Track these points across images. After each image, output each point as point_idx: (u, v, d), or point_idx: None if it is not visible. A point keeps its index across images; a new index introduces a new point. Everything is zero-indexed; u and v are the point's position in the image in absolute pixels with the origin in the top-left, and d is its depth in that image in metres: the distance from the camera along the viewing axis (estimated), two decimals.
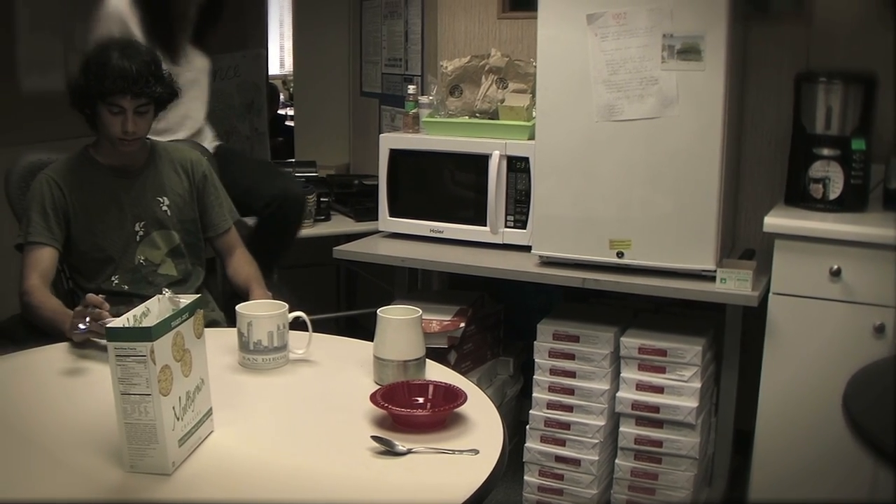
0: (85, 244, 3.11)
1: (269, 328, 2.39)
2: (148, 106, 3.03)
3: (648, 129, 3.30)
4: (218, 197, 3.31)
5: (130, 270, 3.13)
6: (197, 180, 3.24)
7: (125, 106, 2.96)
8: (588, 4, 3.31)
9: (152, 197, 3.16)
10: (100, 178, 3.13)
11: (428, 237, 3.88)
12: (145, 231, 3.15)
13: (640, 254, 3.38)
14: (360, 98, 5.39)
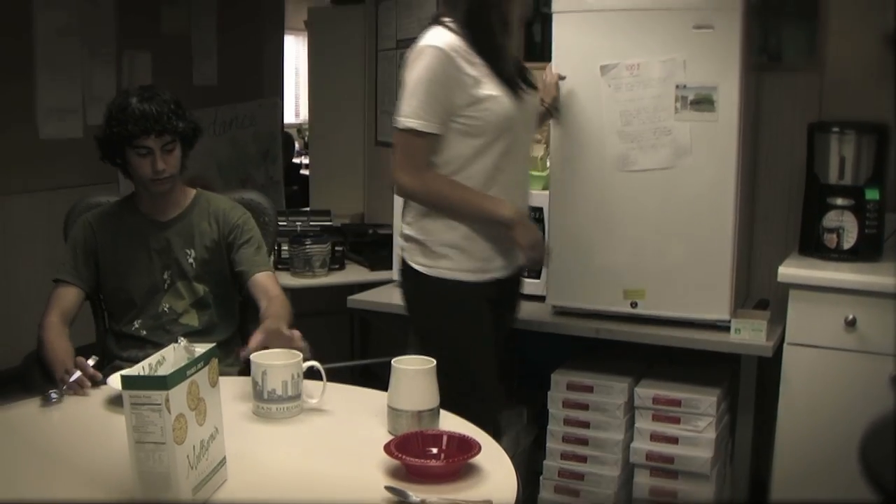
0: (110, 287, 3.19)
1: (283, 377, 2.38)
2: (173, 143, 3.08)
3: (662, 179, 3.31)
4: (250, 243, 3.24)
5: (153, 317, 3.16)
6: (227, 229, 3.22)
7: (151, 146, 3.03)
8: (602, 55, 3.34)
9: (181, 248, 3.18)
10: (135, 224, 3.18)
11: None
12: (171, 280, 3.18)
13: (655, 304, 3.38)
14: (374, 147, 5.42)
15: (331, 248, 4.38)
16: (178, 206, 3.23)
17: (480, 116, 2.87)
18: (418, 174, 2.92)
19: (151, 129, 3.01)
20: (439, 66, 2.84)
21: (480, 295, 2.99)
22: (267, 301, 3.04)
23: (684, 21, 3.25)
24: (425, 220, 2.99)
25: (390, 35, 5.13)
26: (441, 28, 2.91)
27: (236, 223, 3.23)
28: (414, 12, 4.85)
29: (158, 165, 3.04)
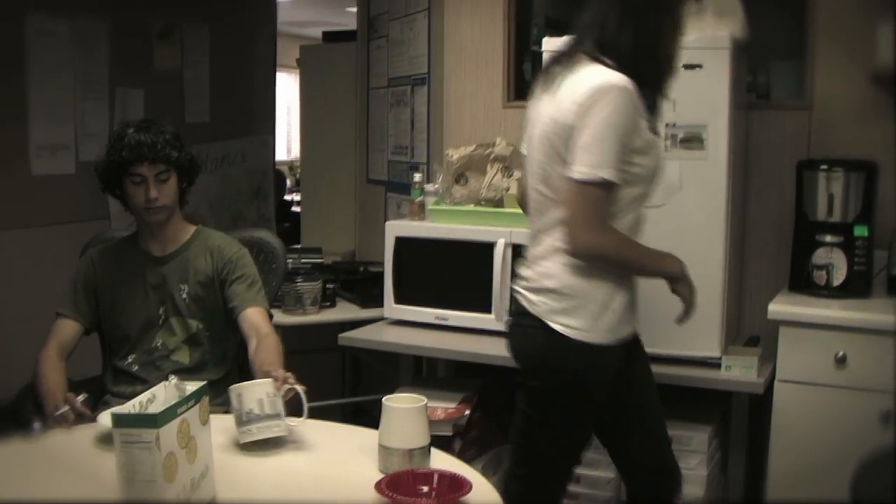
0: (109, 322, 3.22)
1: (258, 396, 2.40)
2: (168, 173, 3.11)
3: (653, 217, 3.31)
4: (243, 278, 3.23)
5: (146, 352, 3.17)
6: (221, 266, 3.22)
7: (144, 174, 3.07)
8: None
9: (175, 283, 3.20)
10: (133, 260, 3.21)
11: (433, 324, 3.89)
12: (166, 316, 3.19)
13: (645, 341, 3.36)
14: (366, 185, 5.44)
15: (322, 286, 4.38)
16: (177, 242, 3.24)
17: (645, 164, 2.62)
18: (602, 230, 2.60)
19: (145, 157, 3.05)
20: (630, 107, 2.53)
21: (614, 358, 2.71)
22: (257, 339, 3.02)
23: None
24: (576, 276, 2.63)
25: (381, 73, 5.17)
26: (599, 65, 2.58)
27: (230, 258, 3.24)
28: (404, 51, 4.88)
29: (151, 193, 3.07)
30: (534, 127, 2.72)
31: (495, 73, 4.41)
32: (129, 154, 3.05)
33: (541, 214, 2.71)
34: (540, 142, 2.66)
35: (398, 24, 4.96)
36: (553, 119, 2.60)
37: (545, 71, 2.75)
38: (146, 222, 3.17)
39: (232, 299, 3.19)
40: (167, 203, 3.13)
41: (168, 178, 3.11)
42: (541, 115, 2.68)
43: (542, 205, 2.69)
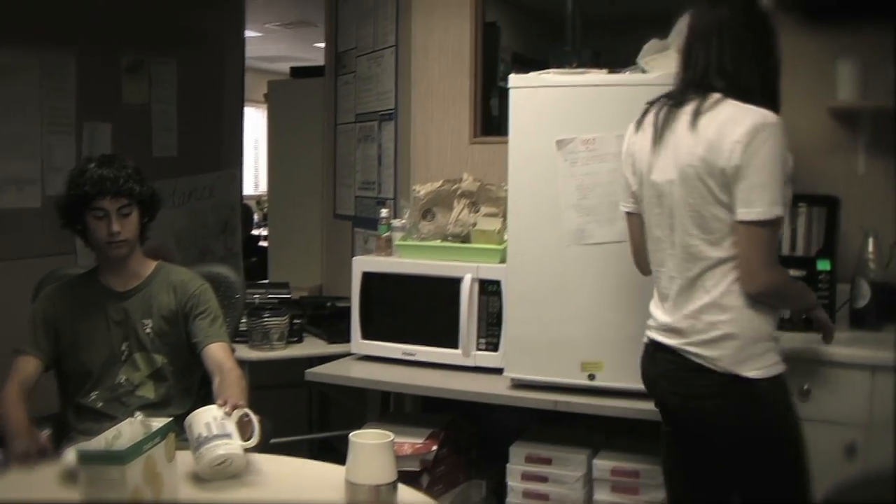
0: (69, 358, 3.19)
1: (205, 420, 2.41)
2: (130, 207, 3.12)
3: (619, 252, 3.34)
4: (206, 313, 3.25)
5: (110, 389, 3.16)
6: (185, 300, 3.24)
7: (107, 208, 3.07)
8: (558, 130, 3.39)
9: (139, 319, 3.19)
10: (94, 295, 3.20)
11: (400, 359, 3.88)
12: (129, 351, 3.18)
13: (612, 376, 3.39)
14: (333, 220, 5.44)
15: (289, 321, 4.37)
16: (138, 277, 3.24)
17: (789, 194, 2.61)
18: (778, 267, 2.64)
19: (107, 191, 3.06)
20: (785, 141, 2.56)
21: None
22: (221, 376, 3.03)
23: (639, 97, 3.27)
24: (752, 317, 2.57)
25: (349, 109, 5.18)
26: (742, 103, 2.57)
27: (194, 293, 3.25)
28: (372, 87, 4.90)
29: (113, 227, 3.07)
30: (659, 174, 2.68)
31: (462, 108, 4.44)
32: (92, 188, 3.06)
33: (693, 261, 2.62)
34: (686, 188, 2.60)
35: (366, 59, 4.98)
36: (705, 161, 2.55)
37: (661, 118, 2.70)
38: (108, 257, 3.17)
39: (195, 334, 3.19)
40: (129, 237, 3.13)
41: (130, 213, 3.12)
42: (675, 161, 2.63)
43: (695, 251, 2.61)
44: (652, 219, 2.75)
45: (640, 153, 2.76)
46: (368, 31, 4.96)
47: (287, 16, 8.29)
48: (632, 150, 2.82)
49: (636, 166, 2.78)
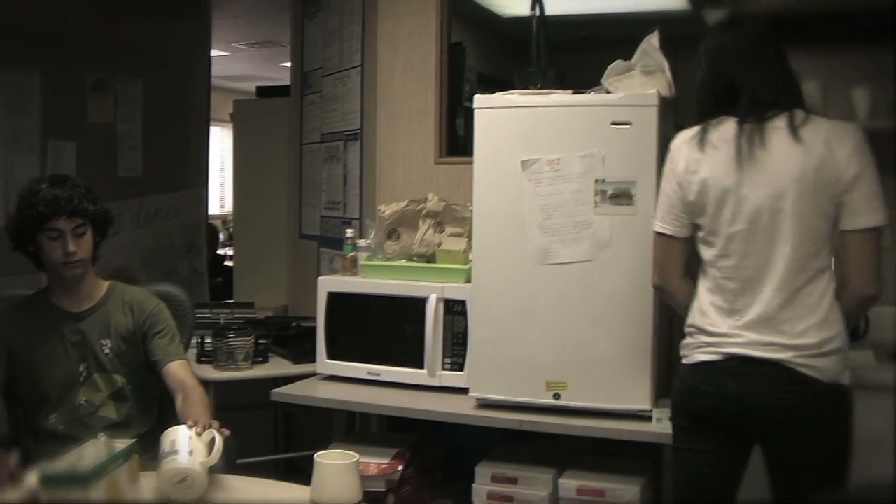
0: (25, 381, 3.16)
1: (171, 437, 2.41)
2: (84, 227, 3.11)
3: (583, 272, 3.36)
4: (164, 332, 3.25)
5: (70, 411, 3.13)
6: (142, 319, 3.23)
7: (62, 228, 3.05)
8: (522, 150, 3.40)
9: (97, 339, 3.17)
10: (49, 317, 3.17)
11: (366, 379, 3.88)
12: (88, 372, 3.16)
13: (577, 395, 3.40)
14: (299, 240, 5.43)
15: (254, 341, 4.36)
16: (93, 298, 3.22)
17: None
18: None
19: (62, 211, 3.04)
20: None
21: None
22: (183, 394, 3.03)
23: (602, 117, 3.33)
24: (845, 326, 2.71)
25: (315, 128, 5.19)
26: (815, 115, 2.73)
27: (151, 312, 3.25)
28: (338, 106, 4.91)
29: (69, 247, 3.06)
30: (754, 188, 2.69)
31: (428, 129, 4.45)
32: (46, 209, 3.03)
33: (799, 273, 2.68)
34: (797, 200, 2.66)
35: (332, 79, 4.99)
36: (819, 173, 2.64)
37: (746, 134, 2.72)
38: (63, 278, 3.15)
39: (154, 353, 3.19)
40: (85, 257, 3.12)
41: (84, 232, 3.11)
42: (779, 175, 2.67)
43: (801, 263, 2.68)
44: (736, 235, 2.74)
45: (717, 170, 2.75)
46: (334, 51, 4.97)
47: (253, 35, 8.29)
48: (694, 168, 2.78)
49: (707, 185, 2.75)
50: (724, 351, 2.73)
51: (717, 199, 2.74)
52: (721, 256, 2.77)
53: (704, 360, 2.77)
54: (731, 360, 2.72)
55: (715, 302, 2.79)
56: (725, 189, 2.73)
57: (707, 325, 2.78)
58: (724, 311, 2.76)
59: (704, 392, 2.76)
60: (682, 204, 2.83)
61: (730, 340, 2.73)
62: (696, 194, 2.78)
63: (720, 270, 2.77)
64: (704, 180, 2.76)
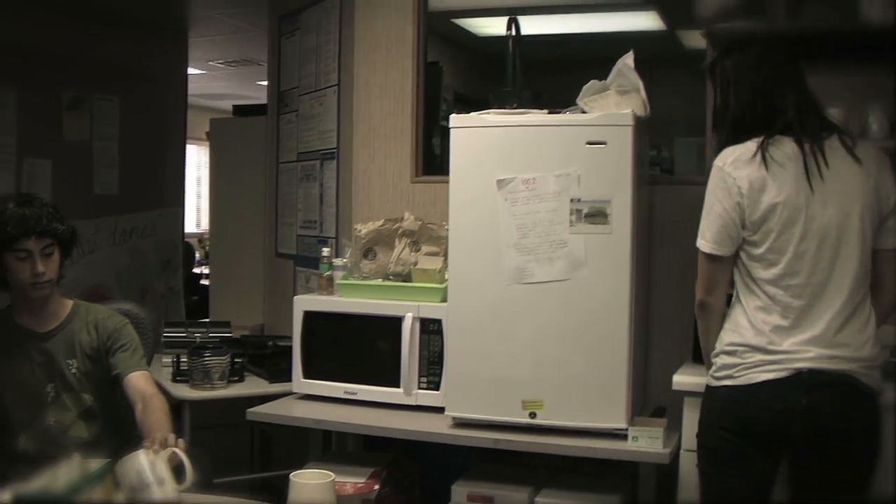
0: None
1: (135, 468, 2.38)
2: (52, 247, 3.10)
3: (559, 291, 3.37)
4: (125, 346, 3.24)
5: (40, 431, 3.11)
6: (105, 337, 3.22)
7: (31, 248, 3.04)
8: (498, 170, 3.42)
9: (63, 359, 3.16)
10: (13, 337, 3.14)
11: (342, 398, 3.87)
12: (56, 393, 3.13)
13: (553, 414, 3.41)
14: (275, 259, 5.43)
15: (230, 360, 4.34)
16: (58, 317, 3.21)
17: None
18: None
19: (31, 231, 3.03)
20: None
21: None
22: (143, 403, 3.02)
23: (578, 137, 3.35)
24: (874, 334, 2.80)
25: (291, 147, 5.18)
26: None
27: (114, 328, 3.25)
28: (314, 125, 4.91)
29: (38, 268, 3.04)
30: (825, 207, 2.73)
31: (404, 148, 4.45)
32: (15, 229, 3.01)
33: (858, 290, 2.76)
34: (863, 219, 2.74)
35: (308, 98, 5.00)
36: (876, 194, 2.76)
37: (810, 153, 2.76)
38: (28, 298, 3.13)
39: (116, 366, 3.18)
40: (52, 277, 3.11)
41: (52, 252, 3.10)
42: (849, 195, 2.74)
43: (859, 281, 2.76)
44: (805, 252, 2.74)
45: (786, 188, 2.75)
46: (311, 70, 4.97)
47: (230, 54, 8.29)
48: (760, 185, 2.77)
49: (777, 203, 2.74)
50: (792, 367, 2.71)
51: (787, 217, 2.74)
52: (786, 275, 2.76)
53: (770, 379, 2.73)
54: (800, 374, 2.71)
55: (771, 321, 2.76)
56: (796, 207, 2.74)
57: (765, 343, 2.75)
58: (783, 330, 2.75)
59: (773, 409, 2.71)
60: (741, 223, 2.81)
61: (796, 356, 2.71)
62: (764, 212, 2.76)
63: (784, 288, 2.76)
64: (774, 198, 2.75)
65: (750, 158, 2.78)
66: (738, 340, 2.80)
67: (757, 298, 2.80)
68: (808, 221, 2.73)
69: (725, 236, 2.83)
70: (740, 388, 2.76)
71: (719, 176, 2.83)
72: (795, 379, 2.70)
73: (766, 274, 2.78)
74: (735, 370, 2.78)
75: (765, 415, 2.72)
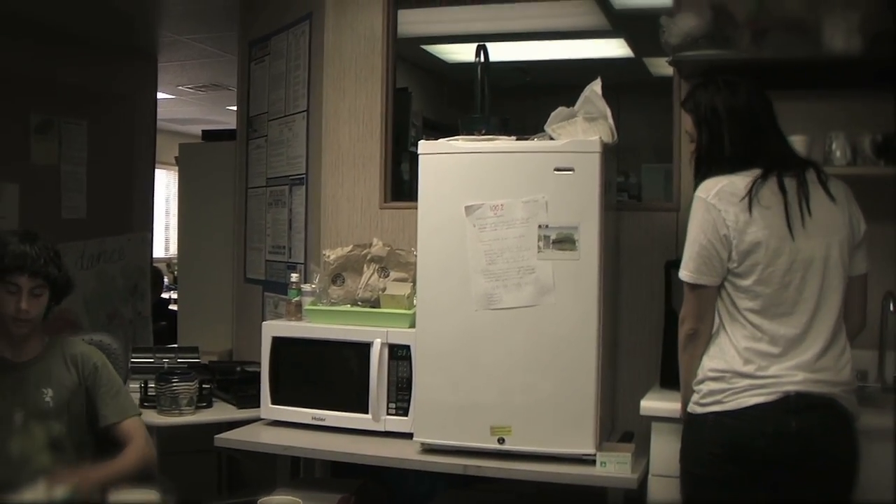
0: None
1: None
2: (43, 289, 3.11)
3: (527, 317, 3.38)
4: (111, 389, 3.27)
5: (4, 459, 3.08)
6: (87, 373, 3.24)
7: (21, 285, 3.05)
8: (466, 196, 3.43)
9: (36, 388, 3.15)
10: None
11: (310, 424, 3.86)
12: (25, 421, 3.12)
13: (521, 439, 3.41)
14: (243, 284, 5.41)
15: (198, 386, 4.33)
16: (34, 350, 3.22)
17: None
18: None
19: (26, 269, 3.04)
20: None
21: None
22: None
23: (546, 163, 3.36)
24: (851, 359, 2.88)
25: (260, 173, 5.18)
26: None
27: (95, 364, 3.28)
28: (283, 151, 4.92)
29: (23, 305, 3.05)
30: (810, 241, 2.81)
31: (372, 174, 4.46)
32: (11, 262, 3.04)
33: (838, 317, 2.84)
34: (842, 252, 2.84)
35: (277, 124, 5.00)
36: (850, 228, 2.88)
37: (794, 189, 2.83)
38: (8, 331, 3.13)
39: (105, 413, 3.24)
40: (35, 317, 3.11)
41: (42, 294, 3.12)
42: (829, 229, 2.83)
43: (838, 309, 2.83)
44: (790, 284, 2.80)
45: (772, 222, 2.80)
46: (280, 95, 4.98)
47: (199, 78, 8.29)
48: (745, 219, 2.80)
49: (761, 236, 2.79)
50: (780, 390, 2.75)
51: (773, 250, 2.80)
52: (773, 305, 2.80)
53: (759, 403, 2.76)
54: (788, 398, 2.75)
55: (759, 348, 2.80)
56: (782, 240, 2.80)
57: (753, 370, 2.78)
58: (772, 356, 2.79)
59: (764, 432, 2.74)
60: (727, 255, 2.84)
61: (784, 380, 2.76)
62: (750, 246, 2.81)
63: (771, 318, 2.80)
64: (759, 233, 2.80)
65: (736, 192, 2.83)
66: (724, 367, 2.83)
67: (743, 328, 2.84)
68: (794, 254, 2.80)
69: (710, 267, 2.86)
70: (730, 412, 2.79)
71: (704, 208, 2.86)
72: (783, 402, 2.74)
73: (753, 304, 2.82)
74: (723, 395, 2.81)
75: (756, 438, 2.75)
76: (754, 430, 2.75)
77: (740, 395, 2.78)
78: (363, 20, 4.49)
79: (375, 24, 4.47)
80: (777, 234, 2.79)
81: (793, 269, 2.79)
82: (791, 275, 2.79)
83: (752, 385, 2.77)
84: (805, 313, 2.79)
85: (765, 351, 2.79)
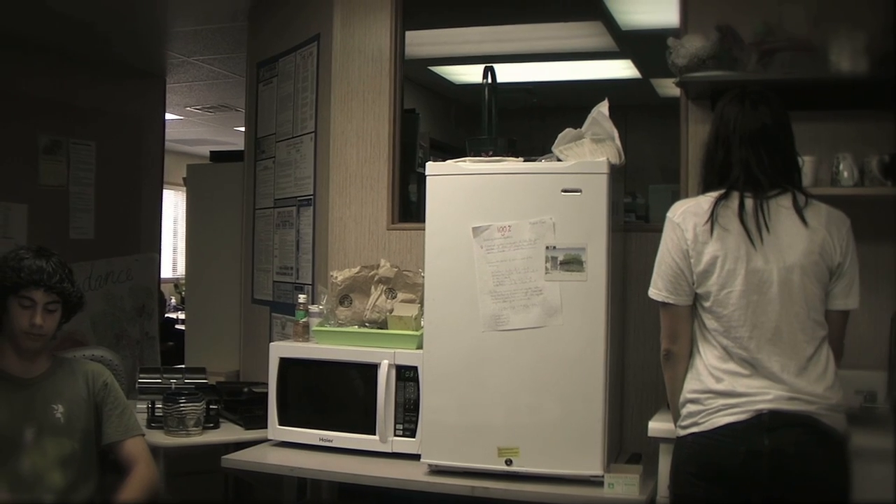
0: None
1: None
2: (56, 305, 3.14)
3: (534, 338, 3.38)
4: (117, 407, 3.29)
5: (13, 475, 3.09)
6: (97, 389, 3.27)
7: (36, 300, 3.08)
8: (474, 217, 3.43)
9: (47, 404, 3.16)
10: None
11: (318, 446, 3.86)
12: (36, 438, 3.13)
13: (529, 461, 3.40)
14: (251, 305, 5.41)
15: (205, 407, 4.32)
16: (42, 366, 3.23)
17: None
18: None
19: (42, 284, 3.07)
20: None
21: None
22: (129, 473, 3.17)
23: (553, 185, 3.37)
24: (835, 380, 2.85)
25: (268, 194, 5.19)
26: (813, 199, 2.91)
27: (105, 382, 3.31)
28: (291, 172, 4.92)
29: (37, 320, 3.08)
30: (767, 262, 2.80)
31: (380, 195, 4.47)
32: (27, 276, 3.07)
33: (811, 338, 2.81)
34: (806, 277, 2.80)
35: (285, 145, 5.01)
36: (822, 256, 2.81)
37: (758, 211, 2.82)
38: (19, 346, 3.14)
39: (110, 431, 3.26)
40: (48, 333, 3.14)
41: (56, 310, 3.16)
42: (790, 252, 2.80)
43: (811, 331, 2.81)
44: (748, 305, 2.80)
45: (728, 243, 2.82)
46: (288, 116, 4.99)
47: (208, 100, 8.31)
48: (704, 239, 2.84)
49: (718, 256, 2.82)
50: (753, 409, 2.75)
51: (728, 271, 2.81)
52: (733, 327, 2.82)
53: (731, 422, 2.76)
54: (761, 416, 2.74)
55: (727, 368, 2.82)
56: (737, 260, 2.81)
57: (725, 388, 2.79)
58: (739, 375, 2.80)
59: (736, 451, 2.74)
60: (689, 274, 2.87)
61: (756, 398, 2.76)
62: (706, 265, 2.83)
63: (733, 340, 2.82)
64: (716, 251, 2.82)
65: (699, 213, 2.87)
66: (699, 388, 2.85)
67: (713, 348, 2.86)
68: (749, 275, 2.80)
69: (675, 286, 2.90)
70: (705, 433, 2.80)
71: (670, 227, 2.93)
72: (756, 421, 2.74)
73: (717, 325, 2.85)
74: (699, 416, 2.82)
75: (729, 457, 2.75)
76: (728, 450, 2.75)
77: (714, 416, 2.79)
78: (371, 42, 4.51)
79: (383, 45, 4.48)
80: (733, 256, 2.81)
81: (749, 290, 2.80)
82: (747, 297, 2.80)
83: (725, 405, 2.78)
84: (769, 334, 2.79)
85: (734, 370, 2.80)
